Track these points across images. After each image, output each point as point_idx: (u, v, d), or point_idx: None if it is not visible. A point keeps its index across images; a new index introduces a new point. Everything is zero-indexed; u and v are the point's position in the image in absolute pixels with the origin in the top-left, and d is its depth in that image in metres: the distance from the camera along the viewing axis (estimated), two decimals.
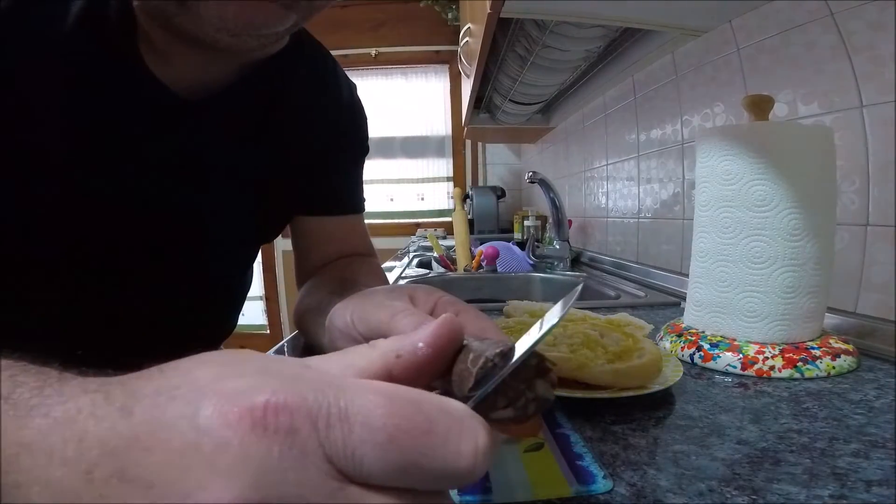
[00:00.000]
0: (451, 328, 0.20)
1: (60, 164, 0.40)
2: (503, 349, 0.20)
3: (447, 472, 0.15)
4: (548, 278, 1.24)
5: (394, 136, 2.80)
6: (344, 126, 0.58)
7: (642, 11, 0.79)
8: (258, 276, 2.80)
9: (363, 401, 0.15)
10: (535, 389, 0.20)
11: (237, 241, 0.56)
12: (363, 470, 0.15)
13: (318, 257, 0.61)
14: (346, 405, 0.15)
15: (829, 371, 0.45)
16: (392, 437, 0.15)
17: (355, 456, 0.15)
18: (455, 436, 0.15)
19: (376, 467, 0.15)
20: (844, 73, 0.58)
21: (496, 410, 0.19)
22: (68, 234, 0.43)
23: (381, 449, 0.15)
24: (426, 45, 2.70)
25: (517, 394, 0.20)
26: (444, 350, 0.19)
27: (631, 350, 0.42)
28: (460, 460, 0.15)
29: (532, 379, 0.20)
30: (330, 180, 0.58)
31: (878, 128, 0.55)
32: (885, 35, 0.53)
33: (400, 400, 0.15)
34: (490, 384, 0.19)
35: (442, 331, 0.19)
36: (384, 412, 0.15)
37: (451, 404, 0.16)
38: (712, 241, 0.51)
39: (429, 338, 0.19)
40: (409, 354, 0.19)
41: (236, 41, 0.36)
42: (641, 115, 1.13)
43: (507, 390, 0.20)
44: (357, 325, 0.31)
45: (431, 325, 0.19)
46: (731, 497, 0.27)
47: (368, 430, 0.15)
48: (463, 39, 1.31)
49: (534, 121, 1.86)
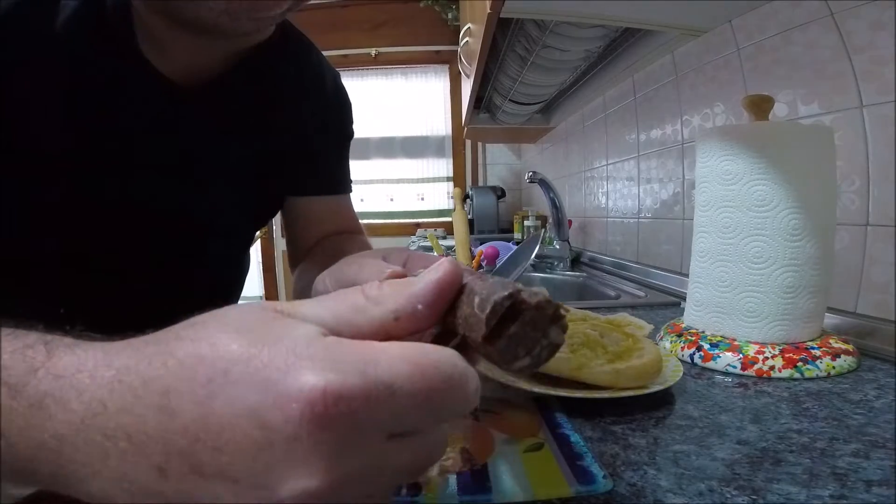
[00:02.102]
0: (449, 283, 0.20)
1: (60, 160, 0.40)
2: (511, 291, 0.19)
3: (459, 409, 0.19)
4: (548, 278, 1.24)
5: (394, 136, 2.80)
6: (329, 112, 0.60)
7: (642, 11, 0.79)
8: (258, 277, 2.80)
9: (400, 373, 0.17)
10: (549, 336, 0.21)
11: (233, 227, 0.57)
12: (407, 426, 0.18)
13: (308, 237, 0.63)
14: (390, 380, 0.16)
15: (829, 371, 0.45)
16: (426, 397, 0.17)
17: (401, 419, 0.17)
18: (463, 383, 0.18)
19: (415, 421, 0.18)
20: (844, 73, 0.58)
21: (517, 360, 0.20)
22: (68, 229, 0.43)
23: (418, 408, 0.17)
24: (426, 45, 2.70)
25: (534, 342, 0.20)
26: (441, 307, 0.20)
27: (631, 350, 0.42)
28: (468, 399, 0.18)
29: (547, 327, 0.20)
30: (317, 163, 0.60)
31: (878, 128, 0.55)
32: (885, 35, 0.53)
33: (424, 363, 0.17)
34: None
35: (441, 288, 0.20)
36: (419, 379, 0.17)
37: (455, 357, 0.18)
38: (712, 241, 0.51)
39: (428, 297, 0.20)
40: (407, 316, 0.20)
41: (234, 24, 0.37)
42: (641, 115, 1.13)
43: (525, 340, 0.20)
44: (331, 288, 0.32)
45: (430, 281, 0.20)
46: (731, 497, 0.27)
47: (410, 397, 0.17)
48: (463, 39, 1.31)
49: (534, 121, 1.86)
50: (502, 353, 0.20)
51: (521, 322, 0.19)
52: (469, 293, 0.20)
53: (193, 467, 0.16)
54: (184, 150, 0.46)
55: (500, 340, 0.19)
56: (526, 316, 0.19)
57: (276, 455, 0.15)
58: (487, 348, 0.20)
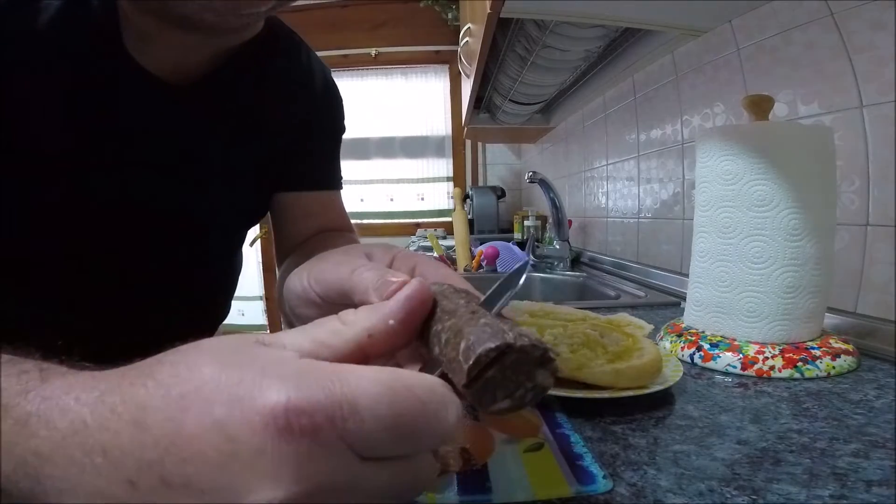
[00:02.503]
0: (419, 300, 0.21)
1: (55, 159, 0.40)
2: (499, 343, 0.18)
3: (437, 436, 0.18)
4: (548, 278, 1.24)
5: (394, 136, 2.80)
6: (320, 108, 0.60)
7: (642, 11, 0.79)
8: (258, 277, 2.80)
9: (367, 392, 0.17)
10: (535, 379, 0.20)
11: (226, 225, 0.57)
12: (375, 449, 0.17)
13: (296, 233, 0.62)
14: (354, 398, 0.17)
15: (829, 371, 0.45)
16: (396, 420, 0.17)
17: (369, 440, 0.17)
18: (442, 409, 0.18)
19: (385, 445, 0.17)
20: (844, 73, 0.58)
21: (495, 403, 0.19)
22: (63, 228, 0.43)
23: (388, 431, 0.17)
24: (426, 45, 2.70)
25: (517, 385, 0.19)
26: (415, 323, 0.21)
27: (631, 350, 0.42)
28: (447, 427, 0.18)
29: (533, 370, 0.20)
30: (307, 158, 0.60)
31: (878, 128, 0.55)
32: (885, 35, 0.53)
33: (397, 386, 0.17)
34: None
35: (411, 304, 0.20)
36: (387, 401, 0.17)
37: (433, 382, 0.18)
38: (712, 241, 0.51)
39: (399, 313, 0.20)
40: (380, 334, 0.20)
41: (220, 20, 0.37)
42: (641, 115, 1.13)
43: (505, 383, 0.19)
44: (314, 286, 0.30)
45: (401, 299, 0.21)
46: (731, 497, 0.27)
47: (376, 419, 0.17)
48: (463, 39, 1.31)
49: (534, 121, 1.86)
50: (478, 395, 0.19)
51: (501, 366, 0.19)
52: (456, 331, 0.19)
53: (163, 479, 0.16)
54: (175, 148, 0.46)
55: (476, 383, 0.19)
56: (506, 360, 0.19)
57: (242, 466, 0.16)
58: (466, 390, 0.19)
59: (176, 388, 0.17)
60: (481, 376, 0.19)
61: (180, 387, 0.17)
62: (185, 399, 0.17)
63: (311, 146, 0.60)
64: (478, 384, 0.19)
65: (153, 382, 0.18)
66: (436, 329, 0.20)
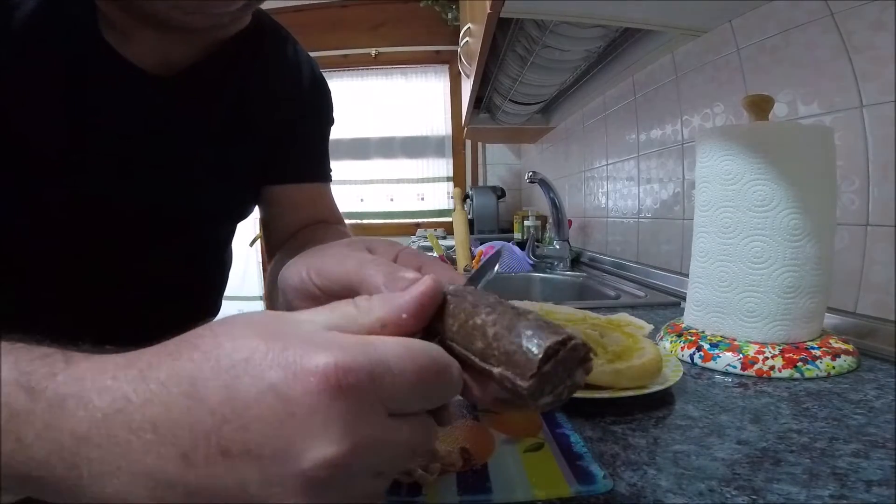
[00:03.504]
0: (433, 297, 0.22)
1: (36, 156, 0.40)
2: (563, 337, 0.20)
3: (447, 391, 0.21)
4: (548, 278, 1.24)
5: (394, 136, 2.80)
6: (308, 101, 0.60)
7: (642, 11, 0.79)
8: (258, 276, 2.80)
9: (395, 353, 0.19)
10: (574, 377, 0.21)
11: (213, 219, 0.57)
12: (402, 403, 0.19)
13: (285, 226, 0.62)
14: (387, 359, 0.19)
15: (829, 371, 0.45)
16: (419, 376, 0.19)
17: (398, 395, 0.19)
18: (450, 366, 0.21)
19: (410, 399, 0.20)
20: (844, 73, 0.58)
21: (542, 397, 0.20)
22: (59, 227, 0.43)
23: (412, 386, 0.19)
24: (426, 45, 2.70)
25: (560, 381, 0.21)
26: (426, 318, 0.22)
27: (631, 350, 0.42)
28: (453, 382, 0.21)
29: (575, 368, 0.21)
30: (296, 150, 0.60)
31: (878, 128, 0.55)
32: (885, 35, 0.53)
33: (415, 348, 0.20)
34: None
35: (425, 300, 0.22)
36: (410, 359, 0.19)
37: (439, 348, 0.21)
38: (712, 241, 0.51)
39: (413, 308, 0.21)
40: (392, 325, 0.21)
41: (189, 19, 0.37)
42: (641, 115, 1.13)
43: (553, 379, 0.20)
44: (314, 279, 0.29)
45: (416, 294, 0.21)
46: (731, 497, 0.27)
47: (404, 375, 0.19)
48: (463, 39, 1.31)
49: (534, 121, 1.86)
50: (534, 388, 0.20)
51: (556, 361, 0.20)
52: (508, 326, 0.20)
53: (222, 449, 0.17)
54: (160, 141, 0.46)
55: (535, 375, 0.19)
56: (560, 356, 0.20)
57: (297, 427, 0.17)
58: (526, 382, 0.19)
59: (225, 359, 0.18)
60: (540, 369, 0.19)
61: (229, 357, 0.18)
62: (236, 368, 0.18)
63: (299, 139, 0.60)
64: (537, 376, 0.19)
65: (199, 355, 0.18)
66: (474, 322, 0.21)
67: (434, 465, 0.28)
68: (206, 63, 0.47)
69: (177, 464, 0.17)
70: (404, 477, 0.28)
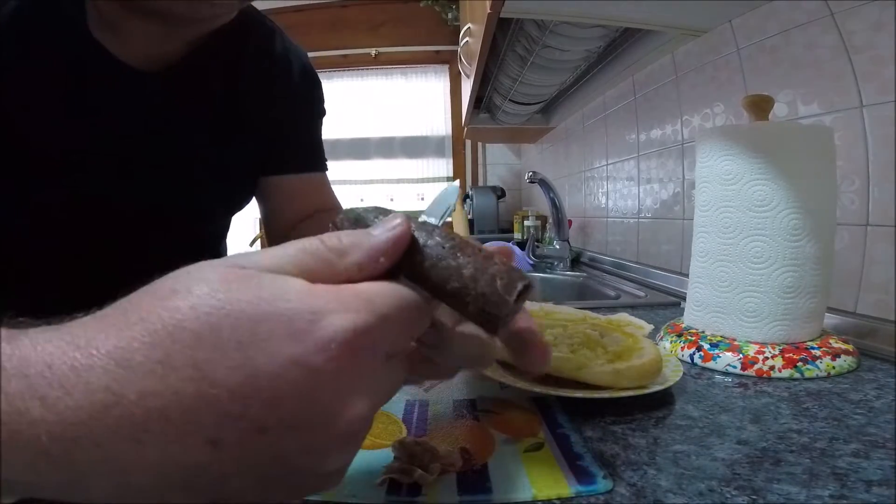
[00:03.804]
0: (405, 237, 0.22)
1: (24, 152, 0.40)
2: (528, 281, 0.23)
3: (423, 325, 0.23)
4: (548, 278, 1.24)
5: (394, 136, 2.80)
6: (298, 92, 0.61)
7: (642, 11, 0.79)
8: None
9: (389, 304, 0.20)
10: None
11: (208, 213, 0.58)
12: (395, 346, 0.21)
13: (286, 218, 0.63)
14: (387, 313, 0.20)
15: (829, 371, 0.45)
16: (407, 321, 0.21)
17: (393, 341, 0.21)
18: (429, 308, 0.23)
19: (399, 340, 0.21)
20: (844, 73, 0.58)
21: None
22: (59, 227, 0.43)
23: (402, 328, 0.21)
24: (426, 45, 2.70)
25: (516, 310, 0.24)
26: (397, 258, 0.23)
27: (631, 350, 0.42)
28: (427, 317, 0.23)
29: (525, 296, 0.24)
30: (290, 141, 0.60)
31: (878, 128, 0.55)
32: (885, 35, 0.53)
33: (403, 295, 0.21)
34: None
35: (398, 243, 0.22)
36: (406, 310, 0.20)
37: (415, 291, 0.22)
38: (712, 241, 0.51)
39: (388, 250, 0.22)
40: (369, 268, 0.22)
41: (190, 9, 0.37)
42: (641, 115, 1.13)
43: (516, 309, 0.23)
44: None
45: (389, 238, 0.22)
46: (731, 497, 0.27)
47: (397, 322, 0.20)
48: (463, 39, 1.31)
49: (534, 121, 1.85)
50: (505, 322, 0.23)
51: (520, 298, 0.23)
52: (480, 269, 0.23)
53: (257, 426, 0.17)
54: (148, 136, 0.46)
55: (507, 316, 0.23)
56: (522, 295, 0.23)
57: (326, 393, 0.18)
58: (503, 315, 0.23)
59: (226, 336, 0.16)
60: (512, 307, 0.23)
61: (228, 334, 0.16)
62: (244, 345, 0.17)
63: (291, 130, 0.60)
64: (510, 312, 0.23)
65: (189, 334, 0.16)
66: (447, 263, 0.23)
67: (434, 465, 0.28)
68: (194, 58, 0.47)
69: (203, 451, 0.16)
70: (404, 477, 0.28)
